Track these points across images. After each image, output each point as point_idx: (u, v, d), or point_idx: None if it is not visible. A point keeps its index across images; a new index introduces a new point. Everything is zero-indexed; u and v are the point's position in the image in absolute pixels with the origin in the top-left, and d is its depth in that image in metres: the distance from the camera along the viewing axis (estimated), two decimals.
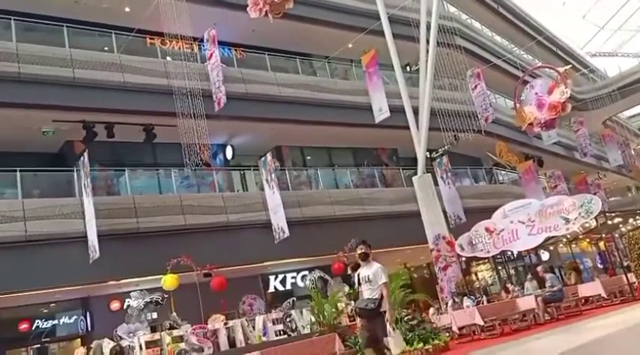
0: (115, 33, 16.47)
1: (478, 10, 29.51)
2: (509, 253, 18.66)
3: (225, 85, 15.98)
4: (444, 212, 17.33)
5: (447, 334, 11.49)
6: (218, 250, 14.63)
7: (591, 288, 14.62)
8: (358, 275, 6.82)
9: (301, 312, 12.10)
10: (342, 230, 16.73)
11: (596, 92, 34.81)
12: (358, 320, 7.18)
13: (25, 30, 14.95)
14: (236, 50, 19.66)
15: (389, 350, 6.40)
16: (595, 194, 21.44)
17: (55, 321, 15.03)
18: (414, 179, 15.99)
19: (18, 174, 13.40)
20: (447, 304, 13.79)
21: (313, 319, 11.29)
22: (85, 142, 15.06)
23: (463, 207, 19.92)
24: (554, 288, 13.15)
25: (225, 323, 11.21)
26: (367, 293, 6.65)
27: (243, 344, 10.89)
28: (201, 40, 16.78)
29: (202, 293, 12.50)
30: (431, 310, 14.63)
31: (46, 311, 15.03)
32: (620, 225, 19.97)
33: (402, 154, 23.07)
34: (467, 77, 21.70)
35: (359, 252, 6.86)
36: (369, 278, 6.64)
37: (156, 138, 16.13)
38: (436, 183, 18.19)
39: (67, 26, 15.47)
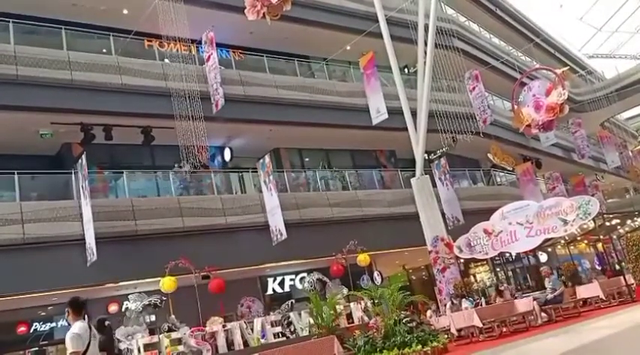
0: (113, 35, 16.47)
1: (476, 12, 29.56)
2: (508, 255, 18.66)
3: (223, 87, 15.98)
4: (443, 214, 17.34)
5: (446, 336, 11.49)
6: (216, 252, 14.61)
7: (590, 290, 14.62)
8: None
9: (300, 314, 12.12)
10: (341, 232, 16.77)
11: (593, 94, 34.88)
12: None
13: (23, 32, 14.93)
14: (234, 52, 19.67)
15: None
16: (593, 195, 21.53)
17: (53, 324, 14.98)
18: (413, 181, 16.00)
19: (16, 176, 13.37)
20: (445, 306, 13.78)
21: (312, 321, 11.29)
22: (83, 145, 15.04)
23: (461, 208, 19.93)
24: (556, 292, 13.19)
25: (224, 326, 11.23)
26: None
27: (242, 347, 10.90)
28: (199, 42, 16.78)
29: (200, 295, 12.48)
30: (428, 312, 14.64)
31: (43, 313, 14.98)
32: (618, 227, 20.04)
33: (401, 156, 23.09)
34: (465, 79, 21.74)
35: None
36: None
37: (154, 140, 16.12)
38: (434, 185, 18.20)
39: (65, 28, 15.47)
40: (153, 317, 12.35)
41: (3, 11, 14.66)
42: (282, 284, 18.96)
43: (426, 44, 15.86)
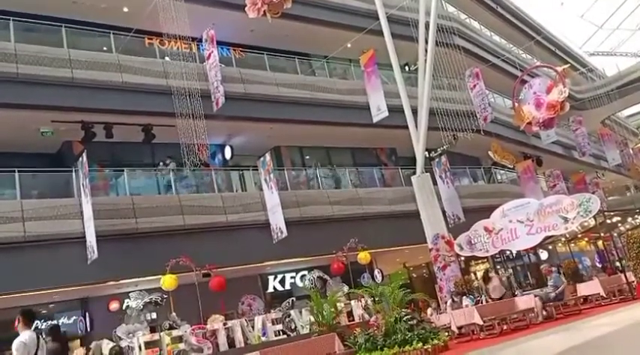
0: (113, 33, 16.46)
1: (477, 9, 29.53)
2: (508, 252, 18.67)
3: (224, 84, 15.98)
4: (443, 211, 17.35)
5: (447, 333, 11.49)
6: (217, 250, 14.62)
7: (590, 287, 14.63)
8: None
9: (300, 312, 12.13)
10: (341, 230, 16.78)
11: (594, 91, 34.84)
12: None
13: (23, 30, 14.93)
14: (235, 50, 19.66)
15: None
16: (593, 193, 21.51)
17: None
18: (413, 178, 16.00)
19: (17, 174, 13.37)
20: (446, 303, 13.80)
21: (312, 319, 11.30)
22: (83, 143, 15.05)
23: (462, 206, 19.92)
24: (558, 290, 13.19)
25: (225, 324, 11.24)
26: None
27: (243, 345, 10.91)
28: (200, 40, 16.77)
29: (201, 293, 12.50)
30: (429, 310, 14.64)
31: (44, 311, 14.98)
32: (619, 224, 20.05)
33: (401, 154, 23.08)
34: (465, 77, 21.71)
35: None
36: None
37: (155, 138, 16.12)
38: (435, 183, 18.20)
39: (65, 26, 15.46)
40: (154, 315, 12.34)
41: (3, 9, 14.66)
42: (282, 282, 18.98)
43: (426, 42, 15.83)
